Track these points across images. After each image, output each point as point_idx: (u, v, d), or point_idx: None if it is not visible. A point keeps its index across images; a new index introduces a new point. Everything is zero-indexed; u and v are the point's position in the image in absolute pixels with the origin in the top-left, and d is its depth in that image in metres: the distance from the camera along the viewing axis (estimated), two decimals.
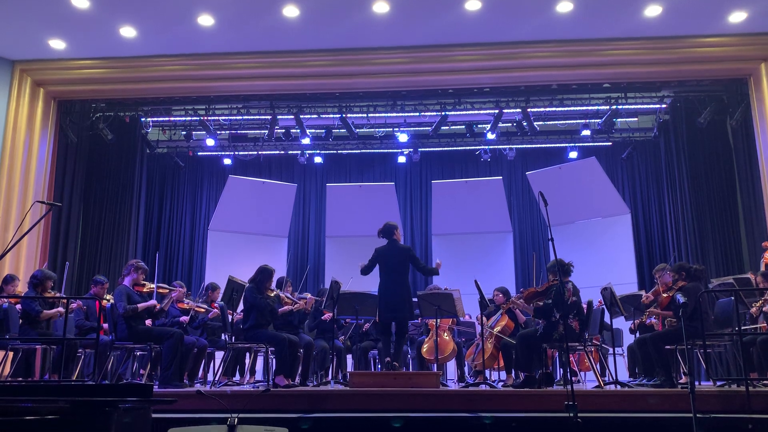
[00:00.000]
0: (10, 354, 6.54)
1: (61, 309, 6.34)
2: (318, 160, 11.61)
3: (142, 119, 10.91)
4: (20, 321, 6.36)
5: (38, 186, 9.10)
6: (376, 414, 4.91)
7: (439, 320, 6.95)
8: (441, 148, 11.76)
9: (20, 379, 6.66)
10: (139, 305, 6.28)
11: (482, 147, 11.25)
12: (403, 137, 10.84)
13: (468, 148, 11.58)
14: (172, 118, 11.00)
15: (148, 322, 6.64)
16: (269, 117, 10.48)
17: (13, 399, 2.63)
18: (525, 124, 10.27)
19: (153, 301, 6.45)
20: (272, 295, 6.71)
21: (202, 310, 7.39)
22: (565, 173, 10.90)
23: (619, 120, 10.59)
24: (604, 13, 8.21)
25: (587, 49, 8.92)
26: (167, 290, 6.80)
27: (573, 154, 11.04)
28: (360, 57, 9.14)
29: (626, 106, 10.28)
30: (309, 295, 7.40)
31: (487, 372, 7.44)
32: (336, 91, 9.91)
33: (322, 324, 7.88)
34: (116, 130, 10.61)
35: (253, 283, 6.59)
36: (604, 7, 8.06)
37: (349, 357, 8.34)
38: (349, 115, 10.42)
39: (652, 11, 8.10)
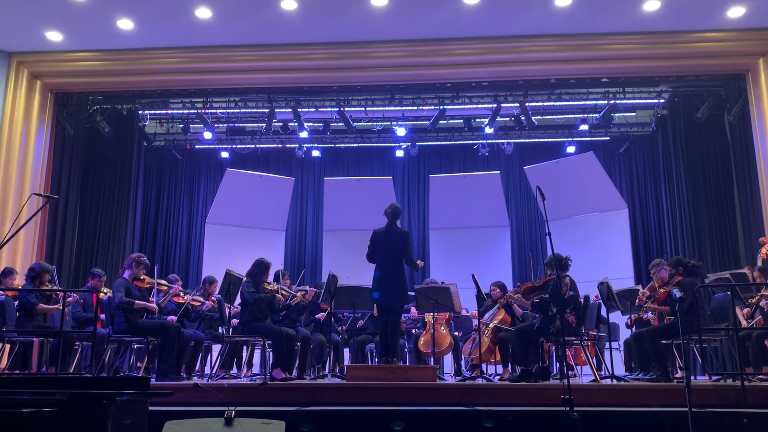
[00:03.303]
0: (7, 346, 6.54)
1: (59, 306, 6.34)
2: (316, 153, 11.59)
3: (140, 112, 10.87)
4: (17, 314, 6.36)
5: (35, 179, 9.07)
6: (373, 407, 4.92)
7: (436, 314, 6.96)
8: (439, 143, 11.74)
9: (17, 371, 6.66)
10: (136, 301, 6.26)
11: (480, 141, 11.24)
12: (401, 131, 10.83)
13: (466, 142, 11.57)
14: (169, 111, 10.96)
15: (144, 315, 6.63)
16: (267, 110, 10.46)
17: (10, 391, 2.64)
18: (523, 118, 10.26)
19: (154, 306, 6.44)
20: (269, 288, 6.72)
21: (198, 303, 7.39)
22: (562, 168, 10.90)
23: (616, 115, 10.58)
24: (603, 8, 8.20)
25: (585, 44, 8.90)
26: (166, 287, 6.80)
27: (571, 149, 11.04)
28: (358, 51, 9.11)
29: (624, 101, 10.28)
30: (308, 288, 7.42)
31: (483, 366, 7.47)
32: (334, 84, 9.88)
33: (318, 319, 7.90)
34: (113, 123, 10.58)
35: (249, 277, 6.59)
36: (603, 1, 8.05)
37: (346, 350, 8.35)
38: (347, 109, 10.40)
39: (651, 6, 8.09)
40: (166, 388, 5.04)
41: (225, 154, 11.52)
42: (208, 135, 10.80)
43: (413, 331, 8.26)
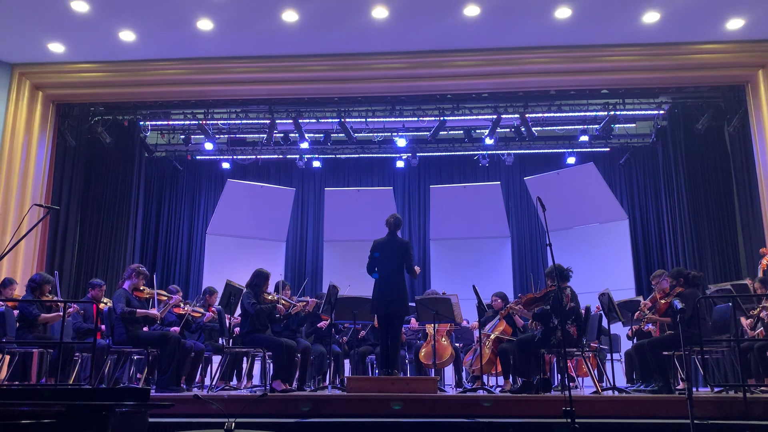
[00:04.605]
0: (7, 357, 6.52)
1: (59, 313, 6.33)
2: (316, 164, 11.62)
3: (141, 123, 10.90)
4: (17, 324, 6.35)
5: (36, 189, 9.08)
6: (374, 419, 4.90)
7: (437, 325, 6.94)
8: (439, 153, 11.77)
9: (17, 382, 6.64)
10: (138, 311, 6.25)
11: (480, 152, 11.26)
12: (401, 142, 10.85)
13: (466, 153, 11.59)
14: (170, 122, 10.99)
15: (144, 327, 6.62)
16: (268, 121, 10.49)
17: (10, 403, 2.63)
18: (523, 129, 10.28)
19: (155, 312, 6.42)
20: (269, 298, 6.71)
21: (198, 314, 7.38)
22: (563, 179, 10.91)
23: (617, 126, 10.60)
24: (603, 20, 8.23)
25: (585, 55, 8.93)
26: (166, 297, 6.79)
27: (571, 160, 11.06)
28: (359, 62, 9.14)
29: (624, 112, 10.29)
30: (308, 298, 7.41)
31: (484, 377, 7.44)
32: (335, 95, 9.91)
33: (319, 330, 7.88)
34: (115, 134, 10.61)
35: (249, 288, 6.58)
36: (603, 13, 8.09)
37: (346, 362, 8.32)
38: (347, 120, 10.43)
39: (651, 18, 8.12)
40: (166, 400, 5.03)
41: (226, 165, 11.55)
42: (209, 146, 10.82)
43: (416, 341, 8.23)
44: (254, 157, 11.56)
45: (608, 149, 11.37)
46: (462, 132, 11.01)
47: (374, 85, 9.46)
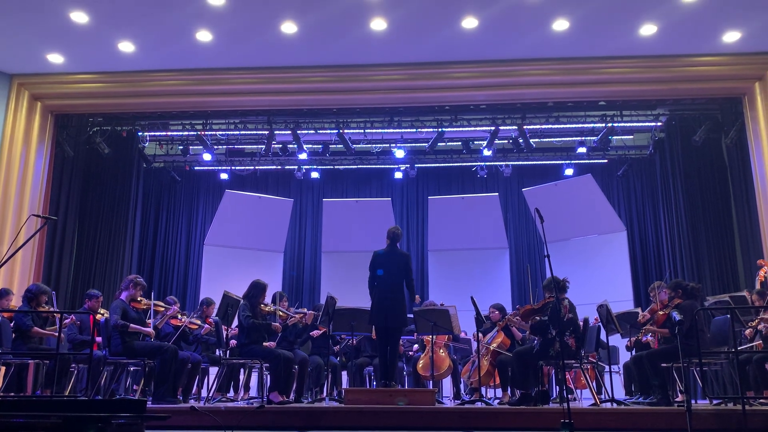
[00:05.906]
0: (2, 369, 6.48)
1: (54, 329, 6.31)
2: (315, 175, 11.63)
3: (139, 133, 10.91)
4: (13, 335, 6.32)
5: (34, 199, 9.07)
6: None
7: (434, 337, 6.92)
8: (437, 165, 11.79)
9: (12, 394, 6.60)
10: (131, 325, 6.19)
11: (479, 163, 11.28)
12: (399, 153, 10.87)
13: (464, 164, 11.62)
14: (169, 133, 11.00)
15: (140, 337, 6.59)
16: (266, 132, 10.51)
17: (5, 414, 2.61)
18: (521, 141, 10.31)
19: (150, 330, 6.38)
20: (266, 309, 6.69)
21: (195, 326, 7.35)
22: (561, 190, 10.93)
23: (614, 138, 10.64)
24: (600, 32, 8.28)
25: (583, 67, 8.98)
26: (163, 308, 6.77)
27: (569, 171, 11.08)
28: (357, 73, 9.18)
29: (622, 124, 10.33)
30: (306, 310, 7.39)
31: (483, 389, 7.42)
32: (333, 106, 9.94)
33: (316, 342, 7.84)
34: (113, 144, 10.62)
35: (246, 300, 6.56)
36: (600, 25, 8.14)
37: (344, 373, 8.29)
38: (346, 131, 10.45)
39: (648, 30, 8.17)
40: (162, 412, 5.00)
41: (224, 176, 11.56)
42: (207, 157, 10.83)
43: (410, 353, 8.21)
44: (252, 168, 11.57)
45: (606, 161, 11.40)
46: (460, 143, 11.04)
47: (373, 96, 9.49)
